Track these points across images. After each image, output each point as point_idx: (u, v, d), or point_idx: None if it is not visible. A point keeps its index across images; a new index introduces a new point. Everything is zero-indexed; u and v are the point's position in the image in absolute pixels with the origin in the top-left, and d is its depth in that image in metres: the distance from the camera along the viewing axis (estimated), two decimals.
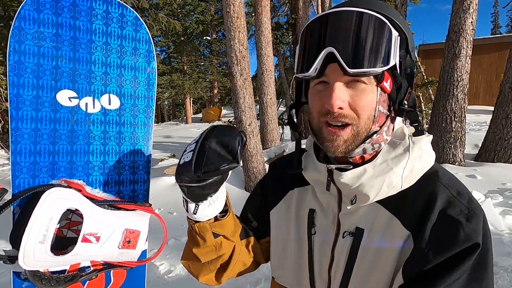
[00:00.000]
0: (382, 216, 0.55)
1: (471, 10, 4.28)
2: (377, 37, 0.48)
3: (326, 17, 0.50)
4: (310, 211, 0.63)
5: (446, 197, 0.52)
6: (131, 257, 0.76)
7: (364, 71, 0.48)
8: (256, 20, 5.46)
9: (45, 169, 0.77)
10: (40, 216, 0.61)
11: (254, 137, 3.96)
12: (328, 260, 0.60)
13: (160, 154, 6.86)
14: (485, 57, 10.36)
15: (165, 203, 3.72)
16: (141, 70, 0.89)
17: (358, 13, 0.48)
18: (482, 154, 4.69)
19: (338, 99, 0.49)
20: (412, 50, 0.55)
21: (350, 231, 0.57)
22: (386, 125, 0.54)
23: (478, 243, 0.48)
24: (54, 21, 0.77)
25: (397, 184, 0.53)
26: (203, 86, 16.01)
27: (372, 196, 0.53)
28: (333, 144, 0.52)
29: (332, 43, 0.48)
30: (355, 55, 0.48)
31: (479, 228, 0.50)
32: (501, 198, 3.20)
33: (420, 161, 0.54)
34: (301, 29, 0.56)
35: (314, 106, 0.55)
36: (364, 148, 0.54)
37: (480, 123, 7.54)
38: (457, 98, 4.43)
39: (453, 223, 0.50)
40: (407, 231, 0.52)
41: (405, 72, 0.54)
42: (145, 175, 0.91)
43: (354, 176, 0.54)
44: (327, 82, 0.52)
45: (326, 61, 0.49)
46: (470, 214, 0.50)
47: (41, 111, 0.77)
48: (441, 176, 0.55)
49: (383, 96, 0.53)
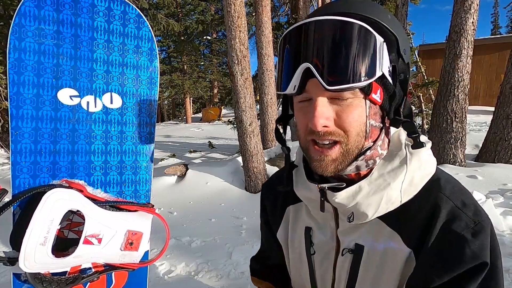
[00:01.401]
0: (383, 232, 0.51)
1: (472, 10, 4.27)
2: (358, 47, 0.43)
3: (300, 28, 0.45)
4: (306, 229, 0.61)
5: (449, 209, 0.48)
6: (133, 259, 0.74)
7: (344, 88, 0.43)
8: (257, 19, 5.44)
9: (45, 169, 0.76)
10: (41, 218, 0.59)
11: (254, 137, 3.94)
12: (330, 279, 0.58)
13: (160, 153, 6.85)
14: (485, 58, 10.35)
15: (165, 203, 3.70)
16: (144, 69, 0.88)
17: (333, 22, 0.43)
18: (482, 155, 4.69)
19: (321, 117, 0.45)
20: (405, 52, 0.49)
21: (349, 248, 0.54)
22: (380, 139, 0.50)
23: (486, 262, 0.45)
24: (55, 18, 0.76)
25: (396, 199, 0.49)
26: (203, 85, 15.99)
27: (370, 214, 0.50)
28: (321, 165, 0.48)
29: (308, 58, 0.44)
30: (333, 70, 0.43)
31: (486, 243, 0.46)
32: (502, 198, 3.19)
33: (419, 171, 0.50)
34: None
35: (299, 123, 0.51)
36: (357, 165, 0.50)
37: (480, 123, 7.54)
38: (458, 98, 4.42)
39: (457, 240, 0.46)
40: (408, 248, 0.49)
41: (398, 78, 0.48)
42: (147, 175, 0.90)
43: (349, 195, 0.50)
44: (310, 98, 0.47)
45: (305, 77, 0.45)
46: (476, 228, 0.46)
47: (41, 110, 0.75)
48: (444, 186, 0.51)
49: (374, 109, 0.48)
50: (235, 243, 2.74)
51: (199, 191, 3.97)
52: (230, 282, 2.20)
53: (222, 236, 2.91)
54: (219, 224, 3.19)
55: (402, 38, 0.49)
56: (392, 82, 0.48)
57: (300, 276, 0.65)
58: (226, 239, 2.84)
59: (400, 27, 0.50)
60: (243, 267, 2.35)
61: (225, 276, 2.27)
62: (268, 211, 0.71)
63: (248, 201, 3.72)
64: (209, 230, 3.06)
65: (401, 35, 0.48)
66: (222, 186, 4.07)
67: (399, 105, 0.49)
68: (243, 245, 2.70)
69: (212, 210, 3.53)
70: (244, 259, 2.45)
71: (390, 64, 0.47)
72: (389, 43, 0.46)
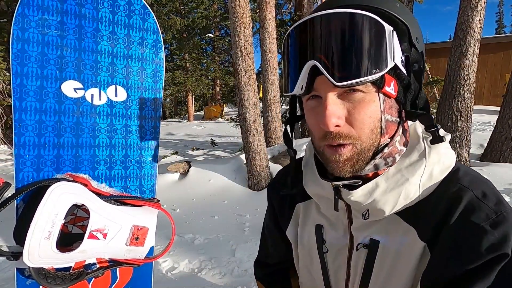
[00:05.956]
0: (398, 227, 0.50)
1: (479, 8, 4.20)
2: (365, 38, 0.40)
3: (302, 25, 0.43)
4: (317, 227, 0.59)
5: (468, 200, 0.45)
6: (138, 255, 0.73)
7: (354, 82, 0.41)
8: (261, 17, 5.40)
9: (49, 162, 0.74)
10: (45, 212, 0.58)
11: (258, 134, 3.92)
12: (344, 276, 0.57)
13: (162, 151, 6.84)
14: (490, 57, 10.24)
15: (168, 199, 3.70)
16: (149, 61, 0.86)
17: (336, 14, 0.41)
18: (487, 154, 4.64)
19: (332, 117, 0.43)
20: (417, 40, 0.46)
21: (364, 243, 0.52)
22: (398, 134, 0.47)
23: (506, 253, 0.41)
24: (59, 8, 0.74)
25: (414, 194, 0.47)
26: (205, 83, 15.96)
27: (387, 211, 0.48)
28: (338, 165, 0.46)
29: (314, 55, 0.42)
30: (341, 65, 0.41)
31: (509, 235, 0.42)
32: (508, 198, 3.16)
33: (439, 164, 0.48)
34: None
35: (311, 125, 0.48)
36: (376, 164, 0.47)
37: (484, 123, 7.47)
38: (463, 97, 4.37)
39: (476, 231, 0.43)
40: (422, 242, 0.47)
41: (412, 68, 0.46)
42: (152, 170, 0.88)
43: (365, 192, 0.48)
44: (320, 96, 0.45)
45: (312, 75, 0.43)
46: (497, 219, 0.43)
47: (45, 102, 0.74)
48: (462, 177, 0.48)
49: (389, 102, 0.45)
50: (239, 241, 2.73)
51: (202, 188, 3.96)
52: (234, 279, 2.19)
53: (225, 233, 2.90)
54: (222, 222, 3.18)
55: (414, 26, 0.46)
56: (406, 73, 0.45)
57: (310, 275, 0.63)
58: (229, 236, 2.83)
59: (411, 15, 0.47)
60: (246, 264, 2.34)
61: (229, 273, 2.26)
62: (277, 211, 0.69)
63: (251, 198, 3.71)
64: (212, 227, 3.05)
65: (412, 23, 0.45)
66: (225, 183, 4.06)
67: (415, 97, 0.47)
68: (247, 242, 2.69)
69: (215, 207, 3.52)
70: (247, 257, 2.44)
71: (402, 54, 0.44)
72: (400, 32, 0.44)
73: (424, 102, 0.48)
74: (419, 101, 0.47)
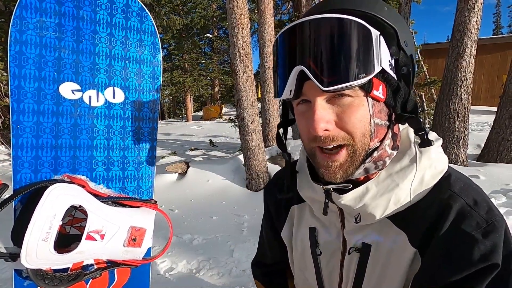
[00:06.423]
0: (390, 231, 0.50)
1: (476, 9, 4.23)
2: (351, 43, 0.40)
3: (289, 31, 0.43)
4: (310, 230, 0.59)
5: (459, 208, 0.45)
6: (136, 255, 0.73)
7: (342, 87, 0.41)
8: (259, 17, 5.41)
9: (47, 164, 0.74)
10: (43, 213, 0.58)
11: (256, 135, 3.93)
12: (337, 279, 0.57)
13: (160, 151, 6.84)
14: (487, 58, 10.29)
15: (167, 200, 3.70)
16: (146, 63, 0.87)
17: (322, 20, 0.41)
18: (484, 155, 4.67)
19: (321, 122, 0.43)
20: (406, 44, 0.46)
21: (356, 247, 0.53)
22: (388, 137, 0.48)
23: (497, 264, 0.41)
24: (56, 10, 0.74)
25: (405, 199, 0.47)
26: (204, 83, 15.96)
27: (378, 216, 0.48)
28: (329, 171, 0.47)
29: (302, 60, 0.42)
30: (328, 70, 0.41)
31: (499, 245, 0.42)
32: (505, 198, 3.18)
33: (430, 169, 0.48)
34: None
35: (301, 129, 0.49)
36: (366, 168, 0.48)
37: (481, 123, 7.51)
38: (460, 97, 4.39)
39: (466, 240, 0.43)
40: (413, 248, 0.48)
41: (400, 72, 0.46)
42: (150, 171, 0.89)
43: (356, 196, 0.48)
44: (309, 101, 0.45)
45: (301, 80, 0.43)
46: (488, 228, 0.43)
47: (43, 104, 0.74)
48: (454, 183, 0.48)
49: (378, 106, 0.45)
50: (237, 241, 2.73)
51: (200, 188, 3.96)
52: (232, 279, 2.19)
53: (224, 233, 2.90)
54: (220, 222, 3.19)
55: (402, 30, 0.46)
56: (396, 77, 0.46)
57: (304, 277, 0.63)
58: (227, 236, 2.84)
59: (399, 18, 0.47)
60: (244, 265, 2.35)
61: (227, 273, 2.26)
62: (273, 214, 0.70)
63: (250, 199, 3.71)
64: (210, 227, 3.05)
65: (400, 27, 0.46)
66: (224, 184, 4.07)
67: (405, 100, 0.47)
68: (245, 243, 2.69)
69: (213, 208, 3.53)
70: (245, 257, 2.44)
71: (391, 58, 0.44)
72: (387, 36, 0.44)
73: (413, 105, 0.48)
74: (408, 104, 0.47)
